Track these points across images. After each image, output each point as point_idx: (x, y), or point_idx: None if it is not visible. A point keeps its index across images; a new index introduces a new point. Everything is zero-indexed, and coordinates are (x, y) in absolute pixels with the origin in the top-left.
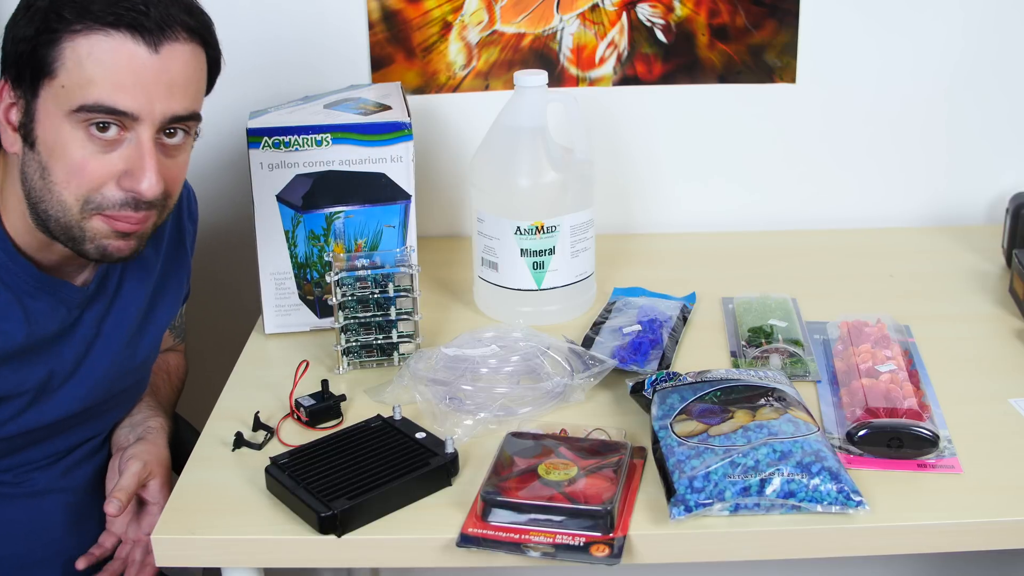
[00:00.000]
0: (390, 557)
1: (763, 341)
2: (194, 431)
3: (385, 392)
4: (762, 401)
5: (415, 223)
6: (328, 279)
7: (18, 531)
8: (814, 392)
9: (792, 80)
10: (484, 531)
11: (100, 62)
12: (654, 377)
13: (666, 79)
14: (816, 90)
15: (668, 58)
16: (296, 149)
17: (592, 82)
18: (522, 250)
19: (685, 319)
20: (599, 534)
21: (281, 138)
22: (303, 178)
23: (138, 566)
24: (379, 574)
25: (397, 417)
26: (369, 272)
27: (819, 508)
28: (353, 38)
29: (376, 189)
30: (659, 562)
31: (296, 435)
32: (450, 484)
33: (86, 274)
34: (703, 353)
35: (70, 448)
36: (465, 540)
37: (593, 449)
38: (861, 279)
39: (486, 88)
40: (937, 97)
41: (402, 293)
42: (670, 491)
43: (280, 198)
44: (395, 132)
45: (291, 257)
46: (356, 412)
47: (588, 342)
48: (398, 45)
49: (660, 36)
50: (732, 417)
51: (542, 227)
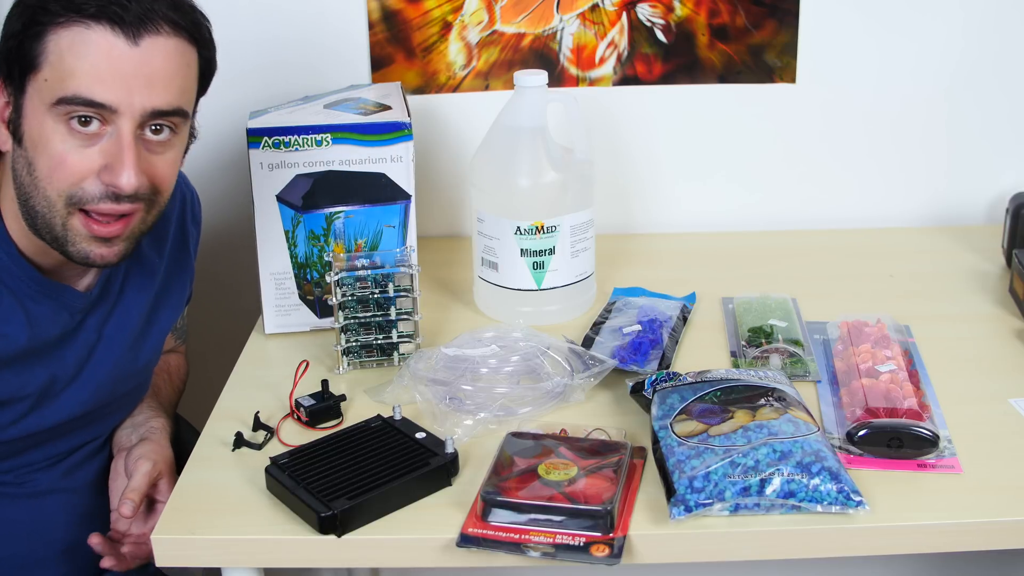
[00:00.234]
0: (390, 557)
1: (763, 341)
2: (194, 431)
3: (385, 392)
4: (762, 401)
5: (415, 223)
6: (328, 279)
7: (19, 531)
8: (814, 392)
9: (792, 80)
10: (484, 531)
11: (79, 54)
12: (654, 377)
13: (666, 79)
14: (816, 90)
15: (668, 58)
16: (296, 149)
17: (592, 82)
18: (522, 250)
19: (685, 319)
20: (599, 534)
21: (281, 138)
22: (303, 178)
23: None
24: (379, 574)
25: (397, 417)
26: (369, 272)
27: (819, 508)
28: (353, 38)
29: (376, 189)
30: (659, 562)
31: (296, 435)
32: (450, 484)
33: (89, 279)
34: (703, 353)
35: (72, 449)
36: (465, 540)
37: (593, 449)
38: (861, 279)
39: (486, 88)
40: (937, 97)
41: (402, 293)
42: (670, 491)
43: (280, 198)
44: (395, 132)
45: (291, 257)
46: (356, 412)
47: (588, 342)
48: (398, 45)
49: (660, 36)
50: (732, 417)
51: (542, 227)
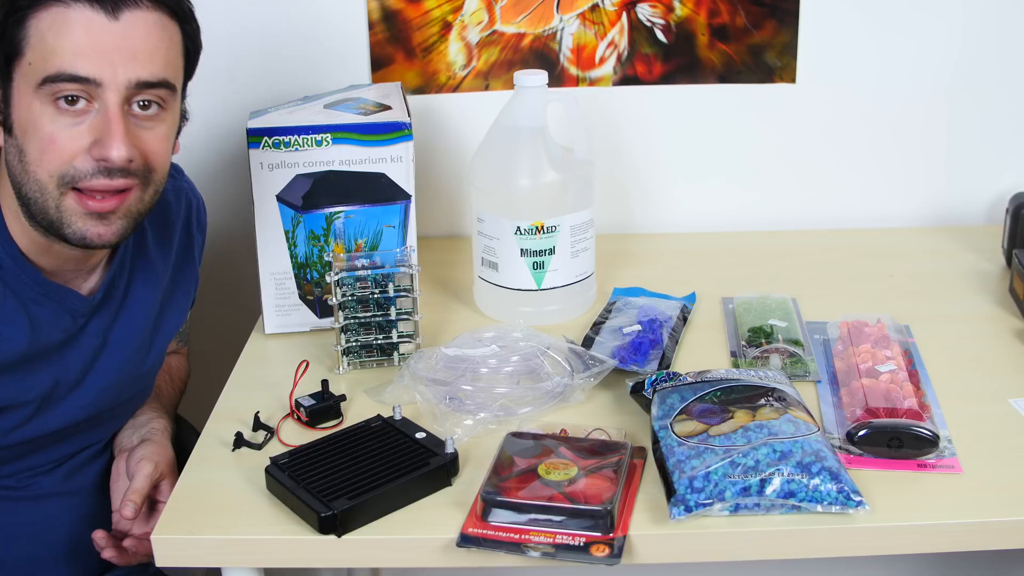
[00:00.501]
0: (390, 557)
1: (763, 341)
2: (194, 431)
3: (385, 392)
4: (762, 401)
5: (415, 223)
6: (328, 279)
7: (20, 533)
8: (814, 392)
9: (792, 80)
10: (484, 531)
11: (60, 33)
12: (654, 377)
13: (666, 79)
14: (816, 90)
15: (668, 58)
16: (296, 149)
17: (592, 82)
18: (522, 250)
19: (685, 319)
20: (599, 534)
21: (281, 138)
22: (303, 178)
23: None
24: (379, 574)
25: (397, 417)
26: (369, 272)
27: (819, 508)
28: (353, 38)
29: (376, 189)
30: (659, 562)
31: (296, 435)
32: (450, 484)
33: (92, 283)
34: (703, 353)
35: (73, 453)
36: (465, 540)
37: (593, 449)
38: (861, 279)
39: (486, 88)
40: (937, 97)
41: (402, 293)
42: (670, 491)
43: (280, 198)
44: (395, 132)
45: (291, 257)
46: (356, 412)
47: (588, 342)
48: (398, 45)
49: (660, 36)
50: (732, 417)
51: (542, 227)
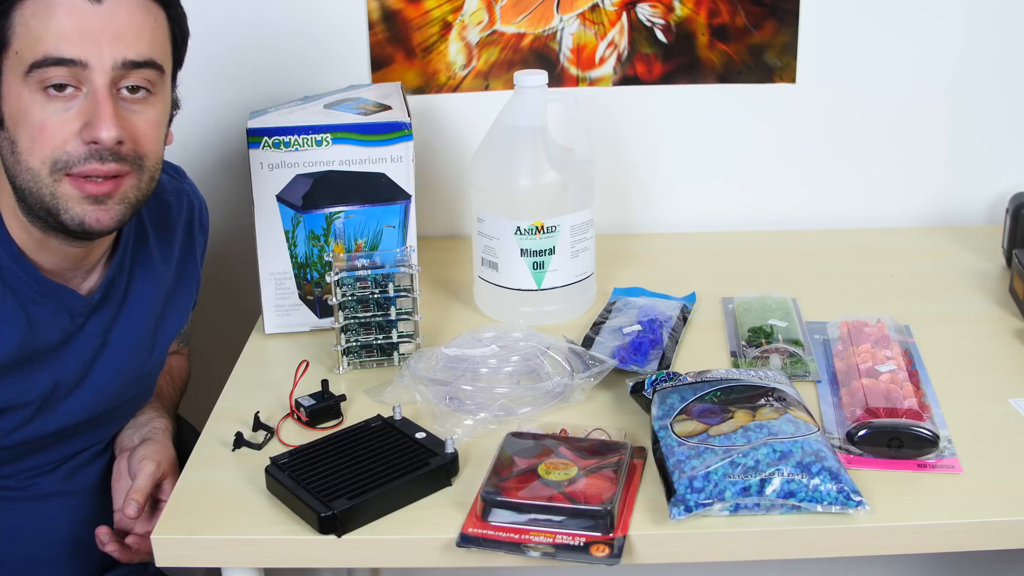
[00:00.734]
0: (390, 557)
1: (763, 341)
2: (194, 431)
3: (385, 392)
4: (762, 401)
5: (415, 223)
6: (328, 279)
7: (20, 533)
8: (814, 392)
9: (792, 80)
10: (484, 531)
11: (44, 19)
12: (654, 377)
13: (666, 79)
14: (816, 90)
15: (668, 58)
16: (296, 149)
17: (592, 82)
18: (522, 250)
19: (685, 319)
20: (599, 534)
21: (281, 138)
22: (303, 178)
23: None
24: (379, 574)
25: (397, 417)
26: (369, 272)
27: (819, 508)
28: (353, 38)
29: (376, 189)
30: (659, 562)
31: (296, 435)
32: (450, 484)
33: (92, 282)
34: (703, 353)
35: (74, 453)
36: (465, 540)
37: (593, 449)
38: (861, 279)
39: (486, 88)
40: (937, 97)
41: (402, 293)
42: (670, 491)
43: (280, 198)
44: (395, 132)
45: (291, 257)
46: (356, 412)
47: (588, 342)
48: (398, 45)
49: (660, 36)
50: (732, 417)
51: (542, 227)
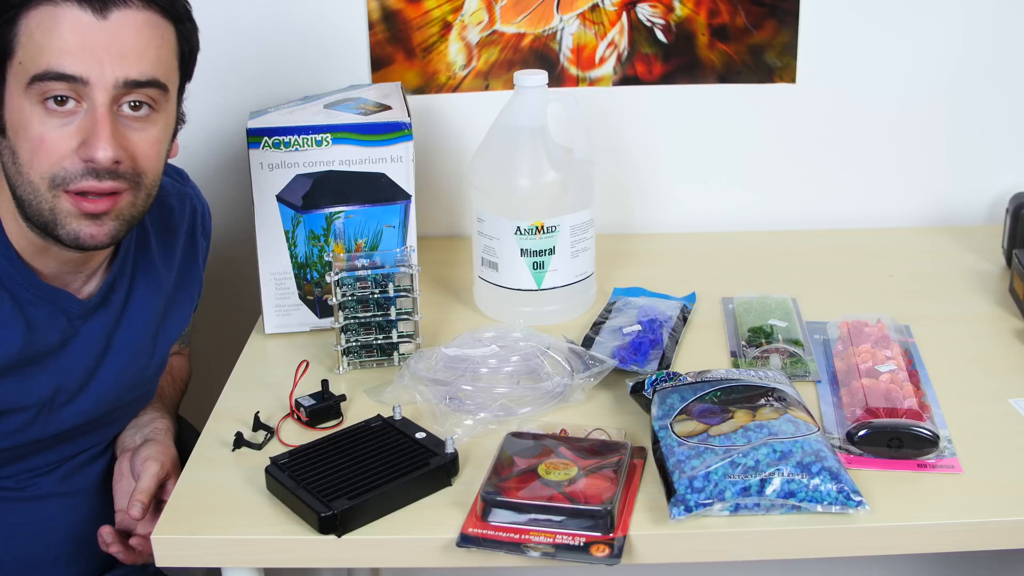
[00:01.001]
0: (390, 557)
1: (763, 341)
2: (194, 431)
3: (385, 392)
4: (762, 401)
5: (415, 223)
6: (328, 279)
7: (20, 534)
8: (814, 392)
9: (792, 80)
10: (484, 531)
11: (48, 31)
12: (654, 377)
13: (666, 79)
14: (816, 90)
15: (668, 58)
16: (296, 149)
17: (592, 82)
18: (522, 250)
19: (685, 319)
20: (599, 534)
21: (281, 138)
22: (303, 178)
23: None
24: (379, 574)
25: (397, 417)
26: (369, 272)
27: (819, 508)
28: (353, 38)
29: (376, 189)
30: (659, 562)
31: (296, 435)
32: (450, 484)
33: (92, 287)
34: (703, 353)
35: (74, 455)
36: (465, 540)
37: (593, 449)
38: (861, 279)
39: (486, 88)
40: (937, 97)
41: (402, 293)
42: (670, 491)
43: (280, 198)
44: (395, 132)
45: (291, 257)
46: (356, 412)
47: (588, 342)
48: (398, 45)
49: (660, 36)
50: (732, 417)
51: (542, 227)
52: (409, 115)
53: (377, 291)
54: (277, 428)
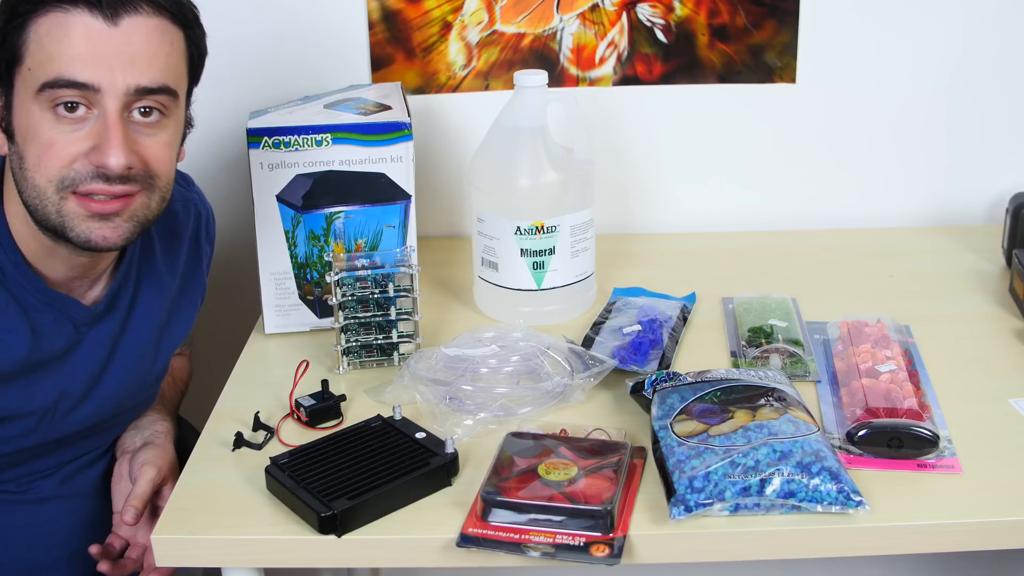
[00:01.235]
0: (390, 557)
1: (763, 341)
2: (194, 431)
3: (385, 392)
4: (762, 401)
5: (415, 223)
6: (328, 279)
7: (20, 536)
8: (814, 392)
9: (792, 80)
10: (484, 531)
11: (58, 38)
12: (654, 377)
13: (666, 79)
14: (816, 90)
15: (668, 58)
16: (296, 149)
17: (592, 82)
18: (522, 250)
19: (685, 319)
20: (599, 534)
21: (281, 138)
22: (303, 178)
23: (155, 572)
24: (379, 574)
25: (397, 417)
26: (369, 272)
27: (819, 508)
28: (353, 38)
29: (376, 189)
30: (659, 562)
31: (296, 435)
32: (450, 484)
33: (97, 292)
34: (703, 353)
35: (74, 458)
36: (465, 540)
37: (593, 449)
38: (861, 279)
39: (486, 88)
40: (937, 97)
41: (402, 293)
42: (670, 491)
43: (280, 198)
44: (395, 132)
45: (291, 257)
46: (356, 412)
47: (588, 342)
48: (398, 45)
49: (660, 36)
50: (732, 417)
51: (542, 227)
52: (409, 115)
53: (377, 291)
54: (277, 428)
